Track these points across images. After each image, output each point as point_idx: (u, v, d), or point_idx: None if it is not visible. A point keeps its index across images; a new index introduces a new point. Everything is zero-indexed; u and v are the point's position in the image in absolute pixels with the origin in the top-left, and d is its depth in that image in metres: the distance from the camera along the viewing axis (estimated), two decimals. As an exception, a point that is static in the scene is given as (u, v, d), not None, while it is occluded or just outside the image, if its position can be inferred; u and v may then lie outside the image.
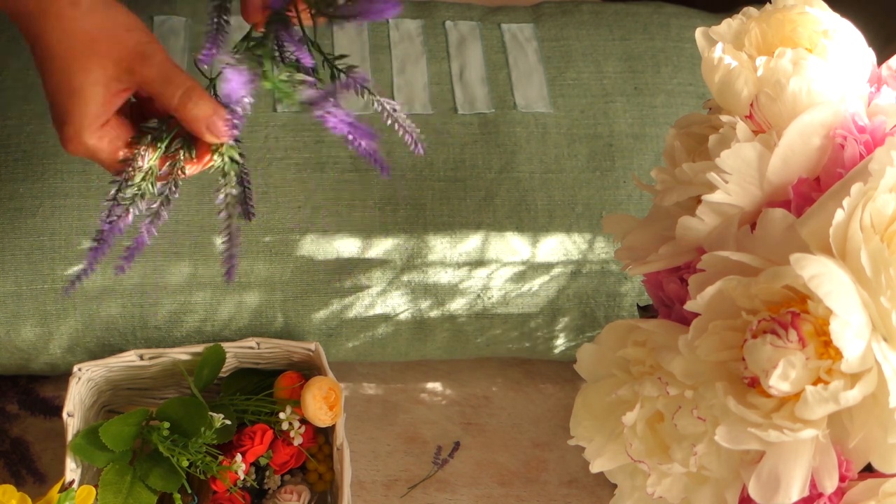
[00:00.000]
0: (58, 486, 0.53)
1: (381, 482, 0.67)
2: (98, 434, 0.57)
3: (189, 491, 0.58)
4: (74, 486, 0.57)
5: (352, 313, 0.64)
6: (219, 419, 0.58)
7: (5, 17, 0.69)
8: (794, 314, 0.33)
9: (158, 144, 0.47)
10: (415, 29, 0.72)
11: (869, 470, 0.35)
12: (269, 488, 0.62)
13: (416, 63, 0.70)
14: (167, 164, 0.47)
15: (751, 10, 0.43)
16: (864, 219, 0.33)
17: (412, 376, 0.73)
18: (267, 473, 0.62)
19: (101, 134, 0.46)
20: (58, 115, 0.46)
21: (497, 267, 0.65)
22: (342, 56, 0.46)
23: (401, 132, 0.47)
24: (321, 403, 0.59)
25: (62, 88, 0.46)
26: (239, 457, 0.58)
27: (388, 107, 0.47)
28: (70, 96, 0.46)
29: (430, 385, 0.72)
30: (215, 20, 0.46)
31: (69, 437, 0.58)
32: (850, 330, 0.31)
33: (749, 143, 0.37)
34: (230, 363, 0.64)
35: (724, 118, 0.39)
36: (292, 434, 0.60)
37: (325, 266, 0.64)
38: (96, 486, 0.56)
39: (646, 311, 0.58)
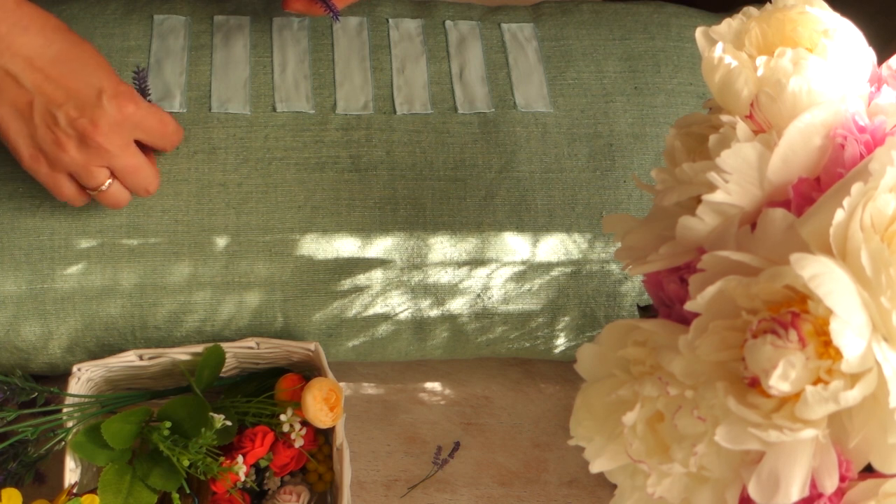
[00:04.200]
0: (65, 494, 0.53)
1: (381, 482, 0.67)
2: (99, 431, 0.57)
3: (188, 491, 0.58)
4: (73, 486, 0.57)
5: (352, 313, 0.64)
6: (219, 420, 0.58)
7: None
8: (795, 314, 0.33)
9: None
10: (415, 28, 0.72)
11: (869, 470, 0.35)
12: (268, 489, 0.62)
13: (415, 62, 0.70)
14: None
15: (751, 9, 0.43)
16: (865, 219, 0.33)
17: (412, 376, 0.73)
18: (267, 475, 0.62)
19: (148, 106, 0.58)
20: (103, 80, 0.55)
21: (497, 267, 0.65)
22: None
23: None
24: (322, 405, 0.59)
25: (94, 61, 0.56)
26: (240, 458, 0.58)
27: None
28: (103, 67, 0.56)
29: (430, 385, 0.72)
30: None
31: (69, 436, 0.58)
32: (850, 330, 0.31)
33: (749, 142, 0.37)
34: (230, 363, 0.64)
35: (724, 118, 0.39)
36: (293, 436, 0.60)
37: (325, 266, 0.64)
38: (95, 489, 0.56)
39: (646, 311, 0.58)
